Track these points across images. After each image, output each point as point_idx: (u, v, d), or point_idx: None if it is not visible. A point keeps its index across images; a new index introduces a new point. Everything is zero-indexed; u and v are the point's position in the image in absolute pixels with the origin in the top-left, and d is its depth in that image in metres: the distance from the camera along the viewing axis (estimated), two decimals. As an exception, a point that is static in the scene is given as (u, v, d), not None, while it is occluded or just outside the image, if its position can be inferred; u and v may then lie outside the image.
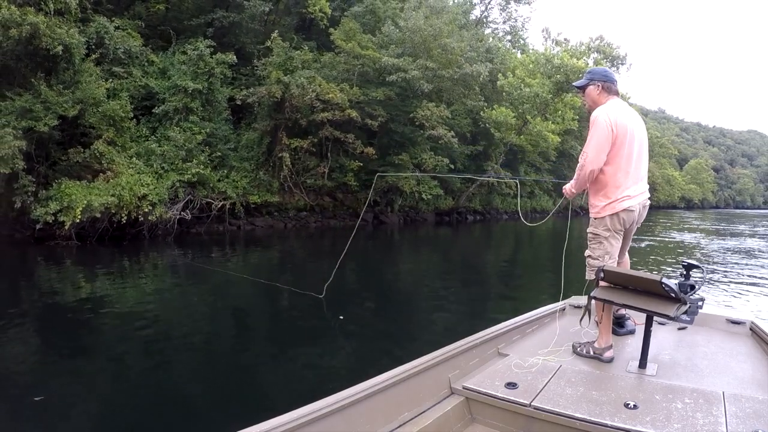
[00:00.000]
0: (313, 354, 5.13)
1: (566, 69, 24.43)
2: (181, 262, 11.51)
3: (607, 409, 2.08)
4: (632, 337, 3.13)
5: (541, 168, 37.01)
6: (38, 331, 5.93)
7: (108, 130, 14.01)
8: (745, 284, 9.38)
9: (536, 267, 13.12)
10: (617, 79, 3.10)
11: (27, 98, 12.27)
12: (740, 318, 3.42)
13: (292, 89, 16.50)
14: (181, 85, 15.76)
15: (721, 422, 1.96)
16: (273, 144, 17.81)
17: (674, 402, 2.14)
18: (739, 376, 2.54)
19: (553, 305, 3.65)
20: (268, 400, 4.01)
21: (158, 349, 5.24)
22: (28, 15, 11.98)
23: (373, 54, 20.07)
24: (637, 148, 2.92)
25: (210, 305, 7.44)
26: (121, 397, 4.00)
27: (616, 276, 2.63)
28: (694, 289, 2.51)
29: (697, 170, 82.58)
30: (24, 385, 4.17)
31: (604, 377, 2.48)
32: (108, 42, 15.18)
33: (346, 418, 1.89)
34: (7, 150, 11.15)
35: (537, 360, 2.64)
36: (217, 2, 19.97)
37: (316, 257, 13.19)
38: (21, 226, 13.44)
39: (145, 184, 13.67)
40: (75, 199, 11.99)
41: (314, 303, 6.50)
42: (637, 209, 2.95)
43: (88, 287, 8.26)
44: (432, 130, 20.80)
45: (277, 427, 1.64)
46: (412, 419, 2.13)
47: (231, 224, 17.15)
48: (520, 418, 2.19)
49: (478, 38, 27.29)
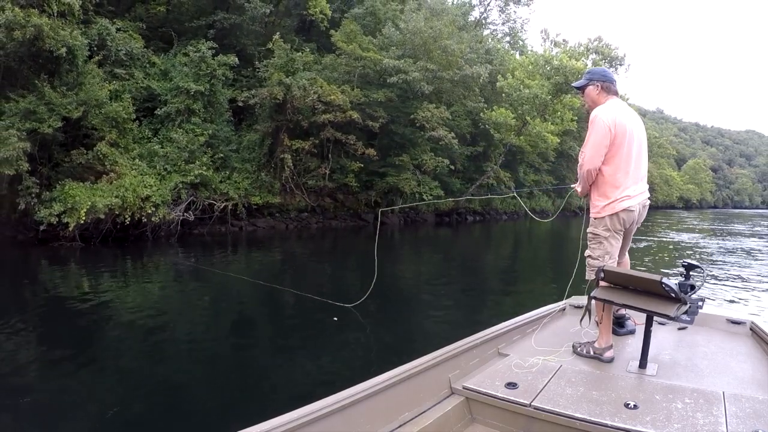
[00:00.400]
0: (313, 354, 5.18)
1: (565, 70, 24.55)
2: (185, 263, 11.56)
3: (608, 409, 2.08)
4: (632, 337, 3.14)
5: (540, 168, 37.12)
6: (42, 331, 5.99)
7: (111, 131, 14.05)
8: (746, 284, 9.44)
9: (536, 267, 13.22)
10: (616, 80, 3.11)
11: (31, 100, 12.31)
12: (740, 318, 3.42)
13: (293, 91, 16.56)
14: (184, 86, 15.81)
15: (722, 422, 1.96)
16: (274, 145, 17.88)
17: (674, 402, 2.15)
18: (739, 376, 2.54)
19: (553, 305, 3.66)
20: (268, 400, 4.06)
21: (160, 350, 5.31)
22: (32, 17, 12.01)
23: (374, 56, 20.18)
24: (636, 147, 2.93)
25: (211, 307, 7.51)
26: (123, 398, 4.06)
27: (616, 276, 2.63)
28: (694, 289, 2.51)
29: (695, 170, 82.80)
30: (26, 385, 4.22)
31: (605, 377, 2.48)
32: (110, 44, 15.22)
33: (346, 418, 1.88)
34: (11, 151, 11.20)
35: (537, 360, 2.64)
36: (217, 4, 20.03)
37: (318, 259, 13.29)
38: (23, 227, 13.46)
39: (148, 185, 13.73)
40: (79, 201, 12.04)
41: (319, 305, 6.54)
42: (637, 209, 2.95)
43: (92, 288, 8.32)
44: (433, 131, 20.95)
45: (277, 427, 1.64)
46: (413, 419, 2.13)
47: (233, 225, 17.23)
48: (520, 418, 2.19)
49: (477, 40, 27.41)
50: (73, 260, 11.31)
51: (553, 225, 31.04)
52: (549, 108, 26.59)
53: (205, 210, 15.97)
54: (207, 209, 16.02)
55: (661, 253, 14.57)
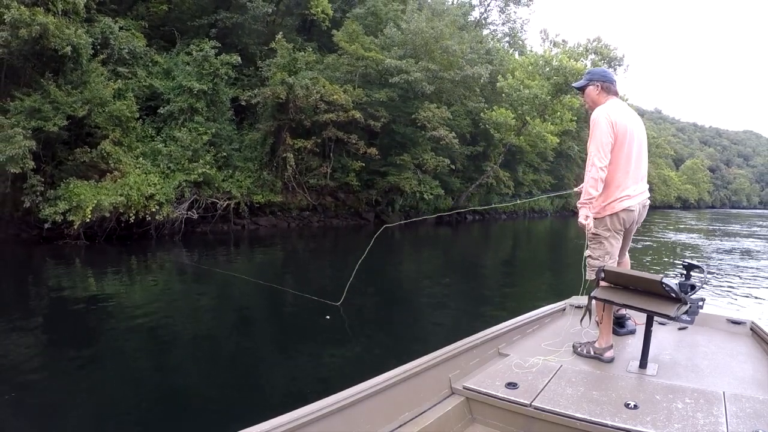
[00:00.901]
0: (313, 354, 5.26)
1: (565, 71, 24.73)
2: (189, 262, 11.68)
3: (608, 409, 2.08)
4: (633, 337, 3.14)
5: (539, 168, 37.25)
6: (47, 328, 6.11)
7: (114, 130, 14.10)
8: (744, 284, 9.54)
9: (536, 266, 13.35)
10: (616, 80, 3.12)
11: (35, 98, 12.37)
12: (740, 318, 3.43)
13: (296, 90, 16.64)
14: (187, 85, 15.89)
15: (722, 422, 1.97)
16: (276, 144, 17.97)
17: (675, 402, 2.15)
18: (739, 376, 2.55)
19: (553, 305, 3.68)
20: (267, 398, 4.11)
21: (163, 348, 5.41)
22: (37, 15, 12.05)
23: (376, 56, 20.28)
24: (636, 147, 2.94)
25: (215, 305, 7.61)
26: (125, 395, 4.12)
27: (617, 276, 2.64)
28: (695, 289, 2.51)
29: (693, 170, 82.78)
30: (29, 382, 4.30)
31: (605, 377, 2.48)
32: (113, 42, 15.21)
33: (346, 418, 1.88)
34: (17, 150, 11.26)
35: (537, 360, 2.64)
36: (219, 3, 20.10)
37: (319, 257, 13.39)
38: (26, 225, 13.52)
39: (152, 183, 13.81)
40: (84, 199, 12.12)
41: (317, 305, 6.61)
42: (637, 209, 2.96)
43: (98, 287, 8.42)
44: (434, 131, 21.08)
45: (277, 427, 1.64)
46: (413, 419, 2.13)
47: (236, 224, 17.33)
48: (520, 418, 2.19)
49: (477, 40, 27.55)
50: (78, 258, 11.39)
51: (552, 224, 31.29)
52: (549, 108, 26.77)
53: (208, 208, 16.06)
54: (210, 208, 16.10)
55: (658, 254, 14.70)
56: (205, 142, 15.71)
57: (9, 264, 11.05)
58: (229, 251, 13.88)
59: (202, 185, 15.61)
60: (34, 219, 13.00)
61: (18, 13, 11.74)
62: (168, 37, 19.17)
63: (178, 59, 17.54)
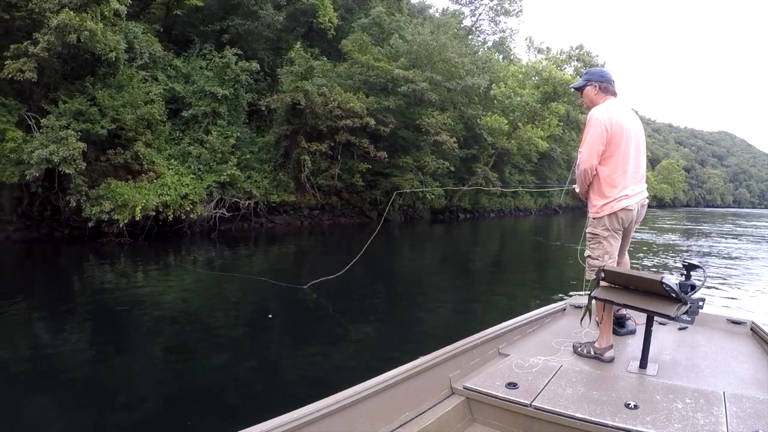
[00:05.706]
0: (313, 354, 5.38)
1: (554, 81, 26.57)
2: (230, 259, 12.34)
3: (608, 409, 2.07)
4: (633, 337, 3.14)
5: (524, 169, 38.86)
6: (97, 325, 6.34)
7: (145, 132, 14.76)
8: (744, 283, 9.58)
9: (527, 263, 14.29)
10: (614, 80, 3.14)
11: (81, 101, 13.02)
12: (741, 318, 3.43)
13: (313, 97, 17.74)
14: (210, 90, 16.71)
15: (722, 422, 1.95)
16: (290, 147, 19.09)
17: (675, 402, 2.14)
18: (739, 376, 2.53)
19: (553, 305, 3.69)
20: (267, 400, 4.20)
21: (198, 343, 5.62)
22: (85, 21, 12.24)
23: (385, 66, 21.68)
24: (633, 147, 2.94)
25: (239, 305, 7.65)
26: (149, 388, 4.33)
27: (617, 276, 2.63)
28: (695, 289, 2.49)
29: (668, 170, 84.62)
30: (55, 371, 4.62)
31: (605, 377, 2.47)
32: (137, 46, 15.64)
33: (346, 418, 1.88)
34: (71, 151, 11.94)
35: (538, 360, 2.64)
36: (229, 9, 20.62)
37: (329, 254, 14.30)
38: (57, 224, 14.06)
39: (185, 184, 14.74)
40: (128, 198, 12.88)
41: (318, 304, 6.96)
42: (636, 208, 2.95)
43: (148, 283, 8.90)
44: (437, 135, 22.63)
45: (277, 427, 1.64)
46: (413, 419, 2.13)
47: (255, 222, 18.43)
48: (520, 418, 2.19)
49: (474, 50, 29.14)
50: (123, 255, 11.76)
51: (536, 222, 32.86)
52: (538, 115, 28.59)
53: (230, 207, 16.97)
54: (232, 206, 17.03)
55: (659, 253, 14.80)
56: (231, 145, 16.63)
57: (60, 263, 11.46)
58: (254, 248, 14.80)
59: (227, 186, 16.52)
60: (65, 218, 13.48)
61: (67, 18, 11.85)
62: (180, 42, 19.72)
63: (195, 63, 18.26)
